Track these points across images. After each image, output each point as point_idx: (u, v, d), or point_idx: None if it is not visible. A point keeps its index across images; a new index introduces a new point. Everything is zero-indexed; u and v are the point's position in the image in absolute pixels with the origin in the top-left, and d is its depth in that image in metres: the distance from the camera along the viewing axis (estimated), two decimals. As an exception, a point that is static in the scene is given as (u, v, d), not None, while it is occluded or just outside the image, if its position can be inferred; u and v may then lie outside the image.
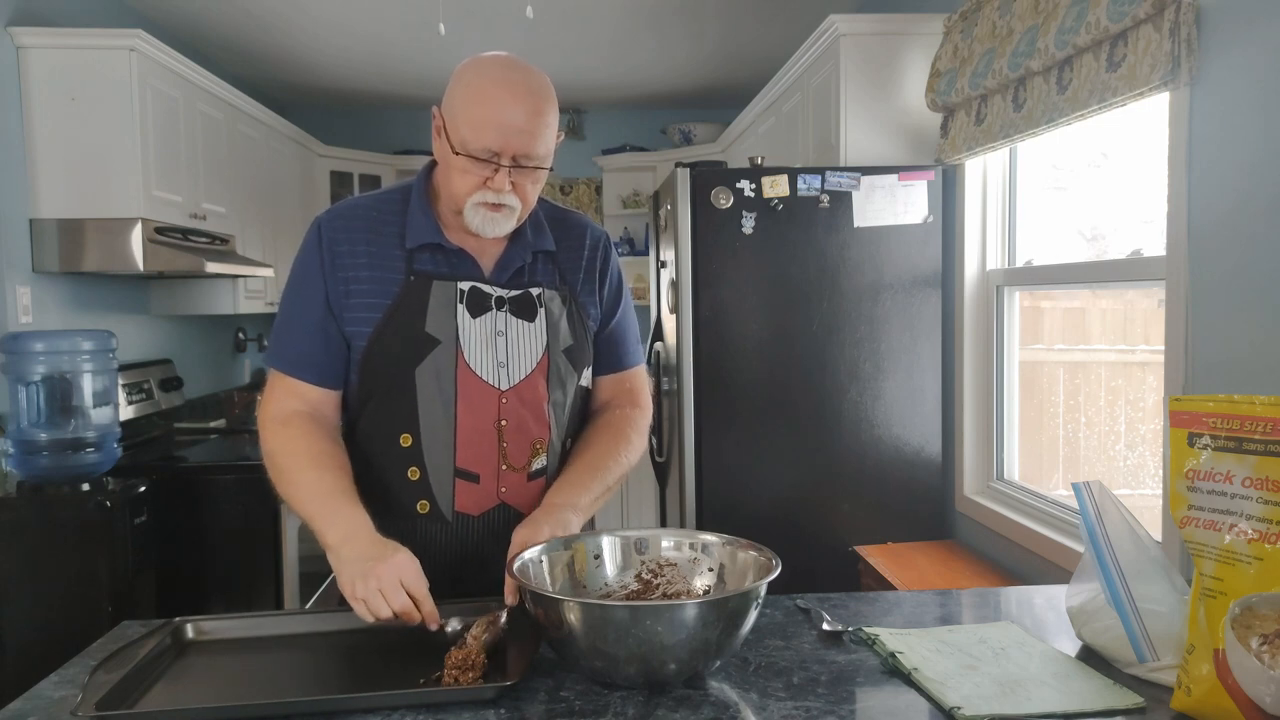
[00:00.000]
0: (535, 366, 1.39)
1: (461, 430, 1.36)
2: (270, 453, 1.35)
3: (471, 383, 1.36)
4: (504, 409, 1.37)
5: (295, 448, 1.33)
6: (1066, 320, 2.73)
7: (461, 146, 1.28)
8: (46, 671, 1.16)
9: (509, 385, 1.37)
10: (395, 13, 3.71)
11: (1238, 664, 0.95)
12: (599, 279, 1.49)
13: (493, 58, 1.32)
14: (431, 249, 1.38)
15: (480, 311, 1.37)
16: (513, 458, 1.38)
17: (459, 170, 1.30)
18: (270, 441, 1.35)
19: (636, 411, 1.53)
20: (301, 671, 1.19)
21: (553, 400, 1.41)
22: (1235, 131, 1.67)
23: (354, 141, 5.28)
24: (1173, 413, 1.05)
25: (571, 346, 1.43)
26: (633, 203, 5.32)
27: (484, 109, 1.26)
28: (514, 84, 1.28)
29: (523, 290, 1.41)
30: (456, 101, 1.30)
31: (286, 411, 1.36)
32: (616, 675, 1.07)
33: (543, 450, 1.41)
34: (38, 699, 1.08)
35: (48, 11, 3.02)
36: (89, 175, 2.89)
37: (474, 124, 1.27)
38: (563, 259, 1.46)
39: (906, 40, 2.89)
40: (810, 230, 2.77)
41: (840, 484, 2.82)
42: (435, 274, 1.37)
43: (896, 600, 1.43)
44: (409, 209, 1.39)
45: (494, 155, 1.28)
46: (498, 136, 1.27)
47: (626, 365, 1.55)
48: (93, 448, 2.69)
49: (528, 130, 1.28)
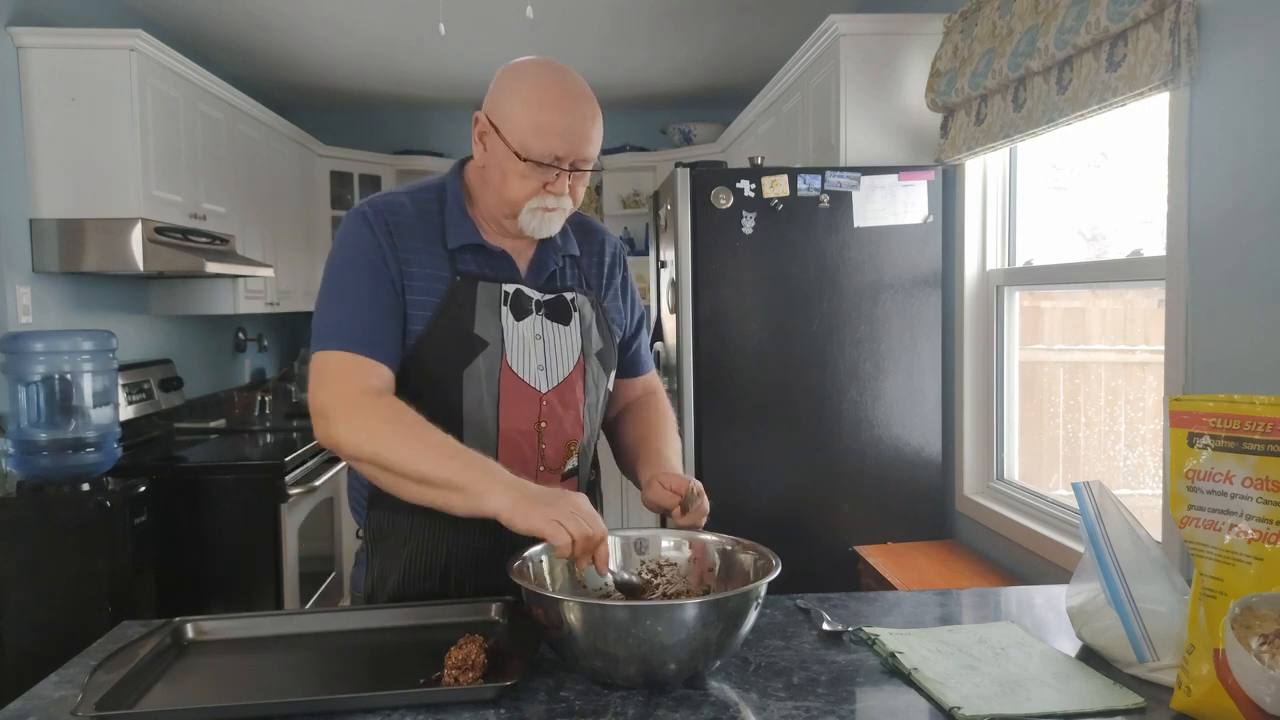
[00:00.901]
0: (573, 369, 1.42)
1: (504, 431, 1.37)
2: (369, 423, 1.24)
3: (514, 385, 1.37)
4: (544, 411, 1.39)
5: (410, 417, 1.24)
6: (1066, 320, 2.73)
7: (525, 151, 1.29)
8: (46, 671, 1.16)
9: (549, 388, 1.39)
10: (395, 13, 3.71)
11: (1238, 664, 0.95)
12: (621, 287, 1.55)
13: (544, 63, 1.34)
14: (473, 250, 1.38)
15: (523, 315, 1.39)
16: (550, 459, 1.41)
17: (518, 175, 1.30)
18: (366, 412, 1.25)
19: (665, 401, 1.62)
20: (301, 671, 1.19)
21: (588, 402, 1.44)
22: (1235, 131, 1.67)
23: (354, 141, 5.28)
24: (1173, 413, 1.05)
25: (602, 350, 1.46)
26: (633, 203, 5.32)
27: (548, 115, 1.28)
28: (572, 90, 1.31)
29: (557, 294, 1.43)
30: (516, 107, 1.30)
31: (373, 387, 1.28)
32: (616, 675, 1.07)
33: (575, 451, 1.44)
34: (38, 699, 1.08)
35: (48, 11, 3.02)
36: (89, 175, 2.89)
37: (538, 130, 1.28)
38: (586, 264, 1.50)
39: (906, 40, 2.89)
40: (810, 230, 2.77)
41: (840, 484, 2.82)
42: (480, 275, 1.38)
43: (896, 600, 1.43)
44: (446, 208, 1.39)
45: (557, 160, 1.30)
46: (562, 142, 1.29)
47: (647, 369, 1.64)
48: (93, 448, 2.69)
49: (587, 135, 1.31)
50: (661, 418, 1.57)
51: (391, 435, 1.23)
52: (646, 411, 1.58)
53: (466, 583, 1.39)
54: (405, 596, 1.38)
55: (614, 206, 5.34)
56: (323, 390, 1.28)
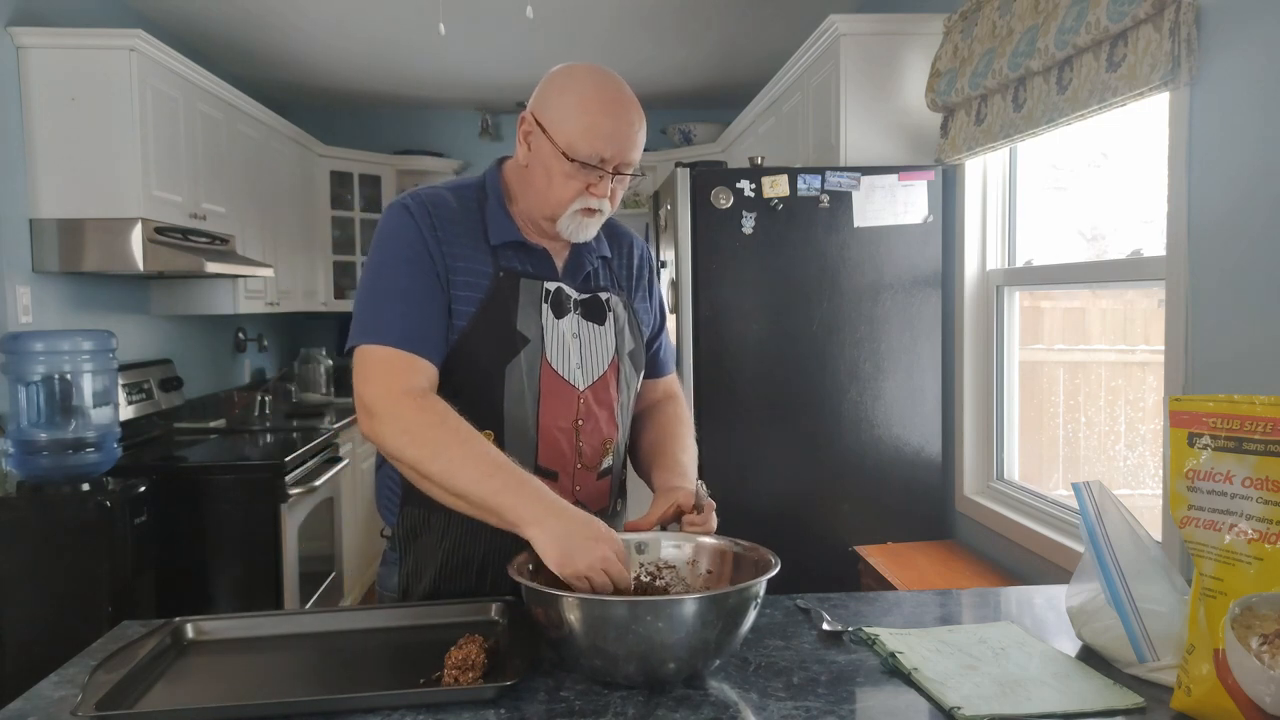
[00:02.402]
0: (607, 368, 1.43)
1: (544, 429, 1.37)
2: (413, 426, 1.23)
3: (554, 382, 1.37)
4: (582, 409, 1.40)
5: (454, 422, 1.24)
6: (1066, 320, 2.73)
7: (572, 152, 1.30)
8: (46, 671, 1.16)
9: (585, 385, 1.40)
10: (395, 13, 3.71)
11: (1238, 664, 0.95)
12: (648, 288, 1.57)
13: (595, 68, 1.36)
14: (515, 247, 1.39)
15: (563, 313, 1.40)
16: (587, 457, 1.42)
17: (563, 175, 1.31)
18: (410, 416, 1.24)
19: (685, 408, 1.64)
20: (301, 671, 1.19)
21: (621, 401, 1.46)
22: (1235, 131, 1.67)
23: (354, 141, 5.28)
24: (1173, 413, 1.05)
25: (634, 350, 1.48)
26: (633, 203, 5.32)
27: (597, 118, 1.30)
28: (620, 94, 1.34)
29: (592, 294, 1.44)
30: (565, 109, 1.31)
31: (418, 387, 1.27)
32: (616, 674, 1.07)
33: (610, 449, 1.45)
34: (38, 699, 1.08)
35: (48, 11, 3.02)
36: (89, 175, 2.89)
37: (587, 132, 1.29)
38: (616, 265, 1.51)
39: (906, 40, 2.89)
40: (810, 230, 2.77)
41: (840, 484, 2.82)
42: (522, 272, 1.39)
43: (896, 600, 1.43)
44: (488, 205, 1.40)
45: (602, 162, 1.31)
46: (609, 144, 1.30)
47: (670, 370, 1.65)
48: (93, 448, 2.69)
49: (633, 140, 1.33)
50: (680, 423, 1.58)
51: (434, 442, 1.22)
52: (665, 416, 1.58)
53: (504, 579, 1.38)
54: (441, 593, 1.38)
55: (614, 206, 5.33)
56: (368, 386, 1.27)
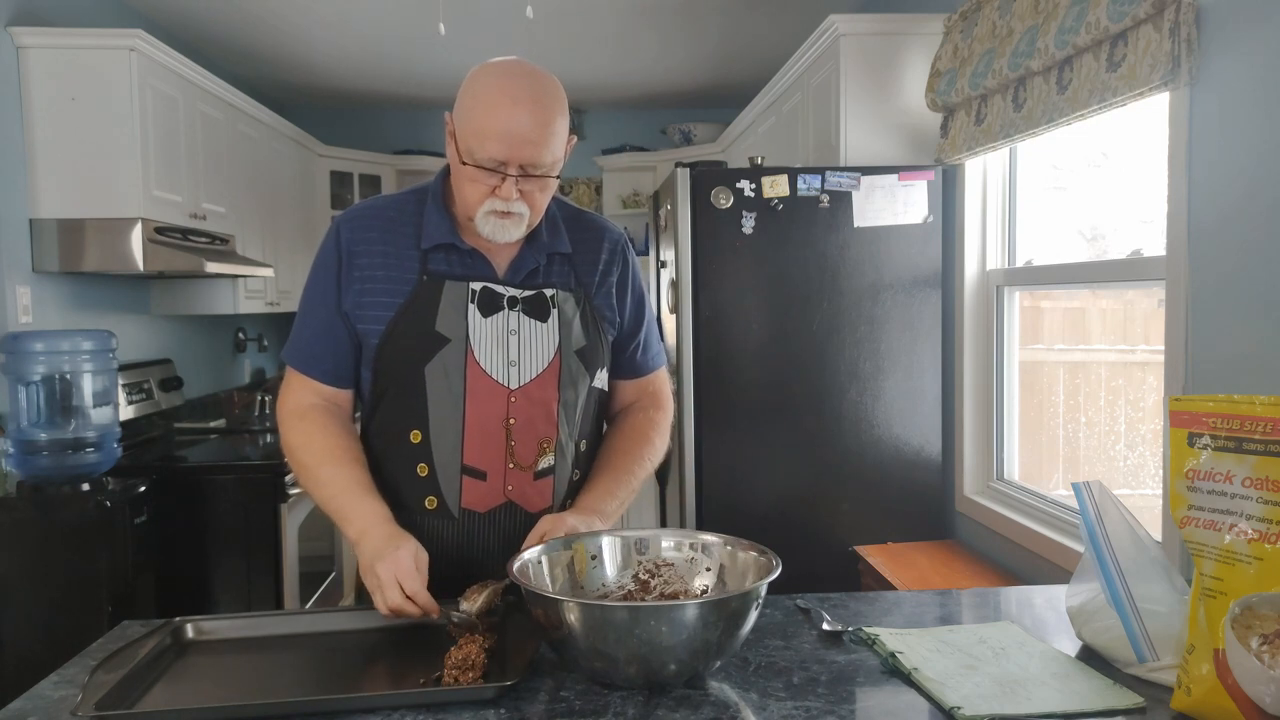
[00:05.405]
0: (546, 366, 1.40)
1: (470, 428, 1.37)
2: (290, 448, 1.40)
3: (481, 381, 1.37)
4: (513, 408, 1.38)
5: (313, 444, 1.38)
6: (1066, 320, 2.73)
7: (469, 156, 1.29)
8: (46, 671, 1.16)
9: (519, 385, 1.39)
10: (395, 13, 3.71)
11: (1238, 664, 0.95)
12: (618, 283, 1.51)
13: (500, 64, 1.32)
14: (446, 249, 1.39)
15: (491, 311, 1.38)
16: (520, 456, 1.40)
17: (468, 179, 1.31)
18: (289, 436, 1.41)
19: (659, 414, 1.56)
20: (301, 671, 1.19)
21: (563, 400, 1.42)
22: (1235, 131, 1.67)
23: (354, 141, 5.28)
24: (1173, 413, 1.05)
25: (584, 347, 1.44)
26: (633, 203, 5.32)
27: (489, 119, 1.26)
28: (520, 92, 1.27)
29: (536, 290, 1.42)
30: (464, 110, 1.31)
31: (303, 405, 1.42)
32: (617, 676, 1.07)
33: (550, 450, 1.42)
34: (38, 699, 1.08)
35: (48, 11, 3.02)
36: (89, 175, 2.89)
37: (480, 134, 1.27)
38: (579, 261, 1.47)
39: (906, 40, 2.89)
40: (810, 230, 2.77)
41: (840, 484, 2.82)
42: (448, 274, 1.38)
43: (896, 600, 1.43)
44: (425, 210, 1.41)
45: (500, 165, 1.28)
46: (503, 147, 1.26)
47: (649, 369, 1.58)
48: (93, 448, 2.69)
49: (533, 140, 1.27)
50: (637, 439, 1.51)
51: (299, 463, 1.39)
52: (628, 427, 1.53)
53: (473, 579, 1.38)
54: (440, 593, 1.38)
55: (614, 206, 5.34)
56: (277, 401, 1.47)
